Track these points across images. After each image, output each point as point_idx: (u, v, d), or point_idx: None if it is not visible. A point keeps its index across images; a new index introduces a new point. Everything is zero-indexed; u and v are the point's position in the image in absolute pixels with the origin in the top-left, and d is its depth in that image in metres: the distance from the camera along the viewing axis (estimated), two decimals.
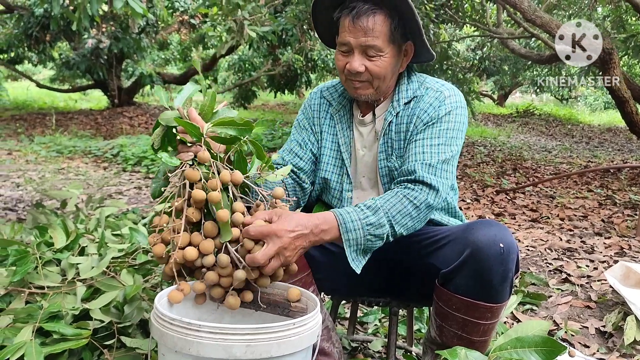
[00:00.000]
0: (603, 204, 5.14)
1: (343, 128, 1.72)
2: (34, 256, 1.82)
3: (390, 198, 1.46)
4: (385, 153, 1.65)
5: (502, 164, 7.61)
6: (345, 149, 1.71)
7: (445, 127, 1.58)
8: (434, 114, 1.58)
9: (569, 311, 2.62)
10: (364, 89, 1.60)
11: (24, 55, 13.62)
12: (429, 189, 1.49)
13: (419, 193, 1.48)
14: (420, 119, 1.59)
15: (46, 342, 1.53)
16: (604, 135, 12.81)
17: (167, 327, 1.16)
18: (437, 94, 1.61)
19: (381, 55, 1.54)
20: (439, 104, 1.59)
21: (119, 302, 1.73)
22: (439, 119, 1.58)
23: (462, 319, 1.49)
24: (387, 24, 1.52)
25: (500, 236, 1.42)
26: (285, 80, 13.19)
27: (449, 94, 1.62)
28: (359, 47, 1.53)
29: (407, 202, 1.46)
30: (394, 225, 1.44)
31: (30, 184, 5.28)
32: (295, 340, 1.18)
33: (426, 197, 1.48)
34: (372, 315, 2.49)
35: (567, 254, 3.51)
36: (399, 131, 1.63)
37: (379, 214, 1.42)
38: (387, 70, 1.57)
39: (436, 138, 1.57)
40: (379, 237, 1.43)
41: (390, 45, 1.54)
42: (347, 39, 1.54)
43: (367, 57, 1.54)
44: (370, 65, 1.54)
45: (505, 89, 19.81)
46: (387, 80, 1.60)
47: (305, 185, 1.73)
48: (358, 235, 1.40)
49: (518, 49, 8.25)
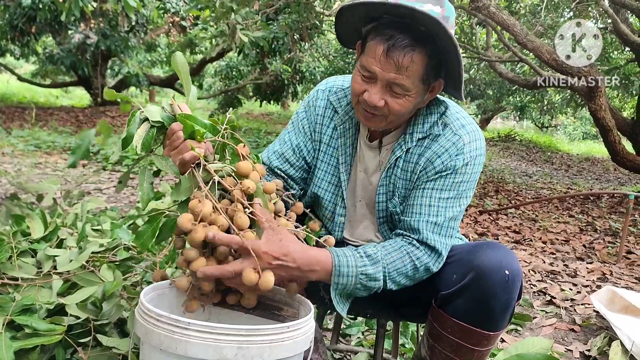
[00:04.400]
0: (584, 230, 5.18)
1: (346, 144, 1.54)
2: (8, 245, 1.73)
3: (393, 251, 1.38)
4: (385, 188, 1.51)
5: (484, 185, 7.64)
6: (345, 168, 1.55)
7: (459, 179, 1.42)
8: (450, 163, 1.41)
9: (553, 333, 2.59)
10: (376, 122, 1.41)
11: (7, 48, 13.37)
12: (432, 252, 1.40)
13: (422, 254, 1.39)
14: (432, 165, 1.43)
15: (17, 337, 1.44)
16: (582, 164, 13.01)
17: (153, 324, 1.08)
18: (455, 137, 1.42)
19: (407, 94, 1.34)
20: (457, 153, 1.41)
21: (97, 298, 1.64)
22: (455, 171, 1.41)
23: (457, 343, 1.41)
24: (423, 64, 1.31)
25: (505, 262, 1.34)
26: (272, 90, 13.15)
27: (468, 139, 1.42)
28: (385, 80, 1.33)
29: (409, 262, 1.38)
30: (387, 282, 1.37)
31: (5, 177, 5.12)
32: (289, 345, 1.11)
33: (427, 261, 1.39)
34: (356, 327, 2.43)
35: (551, 276, 3.50)
36: (406, 170, 1.48)
37: (378, 267, 1.35)
38: (408, 108, 1.38)
39: (447, 191, 1.42)
40: (369, 289, 1.36)
41: (419, 84, 1.34)
42: (373, 68, 1.32)
43: (390, 92, 1.34)
44: (391, 102, 1.35)
45: (487, 113, 20.07)
46: (405, 117, 1.43)
47: (293, 191, 1.60)
48: (349, 282, 1.33)
49: (505, 73, 8.34)
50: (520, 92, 14.50)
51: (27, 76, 15.73)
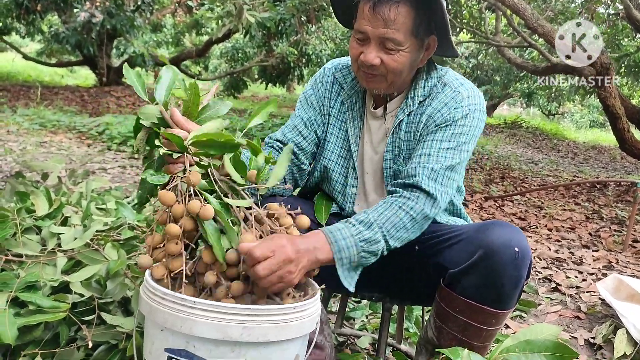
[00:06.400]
0: (590, 218, 5.15)
1: (354, 117, 1.59)
2: (13, 222, 1.71)
3: (384, 211, 1.36)
4: (392, 153, 1.54)
5: (490, 171, 7.60)
6: (354, 139, 1.59)
7: (458, 131, 1.45)
8: (449, 115, 1.45)
9: (558, 320, 2.58)
10: (377, 83, 1.46)
11: (12, 27, 13.29)
12: (427, 197, 1.39)
13: (415, 203, 1.38)
14: (432, 119, 1.47)
15: (21, 313, 1.43)
16: (589, 152, 12.93)
17: (158, 302, 1.07)
18: (454, 93, 1.47)
19: (400, 49, 1.39)
20: (455, 106, 1.46)
21: (101, 276, 1.62)
22: (454, 122, 1.45)
23: (464, 322, 1.40)
24: (411, 16, 1.36)
25: (515, 240, 1.33)
26: (277, 72, 13.05)
27: (467, 94, 1.48)
28: (377, 38, 1.38)
29: (403, 214, 1.36)
30: (389, 240, 1.35)
31: (10, 155, 5.11)
32: (295, 325, 1.10)
33: (423, 207, 1.38)
34: (360, 311, 2.42)
35: (556, 263, 3.49)
36: (409, 131, 1.51)
37: (374, 229, 1.33)
38: (404, 65, 1.42)
39: (446, 142, 1.44)
40: (373, 253, 1.34)
41: (411, 39, 1.39)
42: (364, 27, 1.39)
43: (384, 49, 1.39)
44: (387, 58, 1.40)
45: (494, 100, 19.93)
46: (404, 75, 1.46)
47: (304, 167, 1.63)
48: (351, 254, 1.30)
49: (514, 58, 8.25)
50: (527, 79, 14.35)
51: (32, 55, 15.65)
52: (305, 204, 1.56)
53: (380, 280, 1.63)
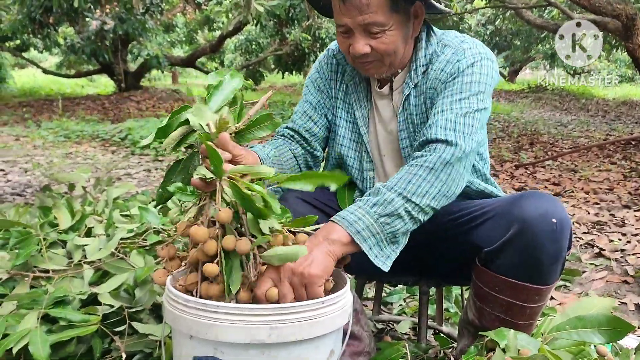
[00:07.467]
0: (628, 177, 4.96)
1: (360, 98, 1.53)
2: (37, 238, 1.69)
3: (393, 177, 1.27)
4: (406, 131, 1.46)
5: (518, 139, 7.41)
6: (363, 122, 1.52)
7: (468, 80, 1.35)
8: (454, 69, 1.37)
9: (605, 287, 2.47)
10: (376, 68, 1.41)
11: (30, 42, 13.50)
12: (444, 146, 1.28)
13: (430, 154, 1.27)
14: (439, 80, 1.39)
15: (52, 329, 1.41)
16: (620, 108, 12.51)
17: (181, 310, 1.03)
18: (455, 49, 1.40)
19: (385, 29, 1.33)
20: (458, 58, 1.38)
21: (129, 285, 1.60)
22: (460, 73, 1.36)
23: (507, 302, 1.32)
24: None
25: (552, 210, 1.24)
26: (293, 60, 12.99)
27: (468, 46, 1.40)
28: (358, 27, 1.32)
29: (416, 169, 1.26)
30: (411, 198, 1.22)
31: (38, 169, 5.18)
32: (326, 321, 1.04)
33: (440, 155, 1.26)
34: (397, 295, 2.35)
35: (597, 227, 3.35)
36: (419, 104, 1.44)
37: (382, 192, 1.23)
38: (396, 44, 1.36)
39: (457, 94, 1.35)
40: (396, 215, 1.21)
41: (393, 15, 1.32)
42: (343, 20, 1.33)
43: (370, 35, 1.33)
44: (375, 43, 1.34)
45: (516, 65, 19.47)
46: (400, 52, 1.40)
47: (317, 153, 1.57)
48: (367, 223, 1.20)
49: (533, 19, 7.98)
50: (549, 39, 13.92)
51: (52, 68, 15.90)
52: (324, 195, 1.49)
53: (412, 264, 1.54)
